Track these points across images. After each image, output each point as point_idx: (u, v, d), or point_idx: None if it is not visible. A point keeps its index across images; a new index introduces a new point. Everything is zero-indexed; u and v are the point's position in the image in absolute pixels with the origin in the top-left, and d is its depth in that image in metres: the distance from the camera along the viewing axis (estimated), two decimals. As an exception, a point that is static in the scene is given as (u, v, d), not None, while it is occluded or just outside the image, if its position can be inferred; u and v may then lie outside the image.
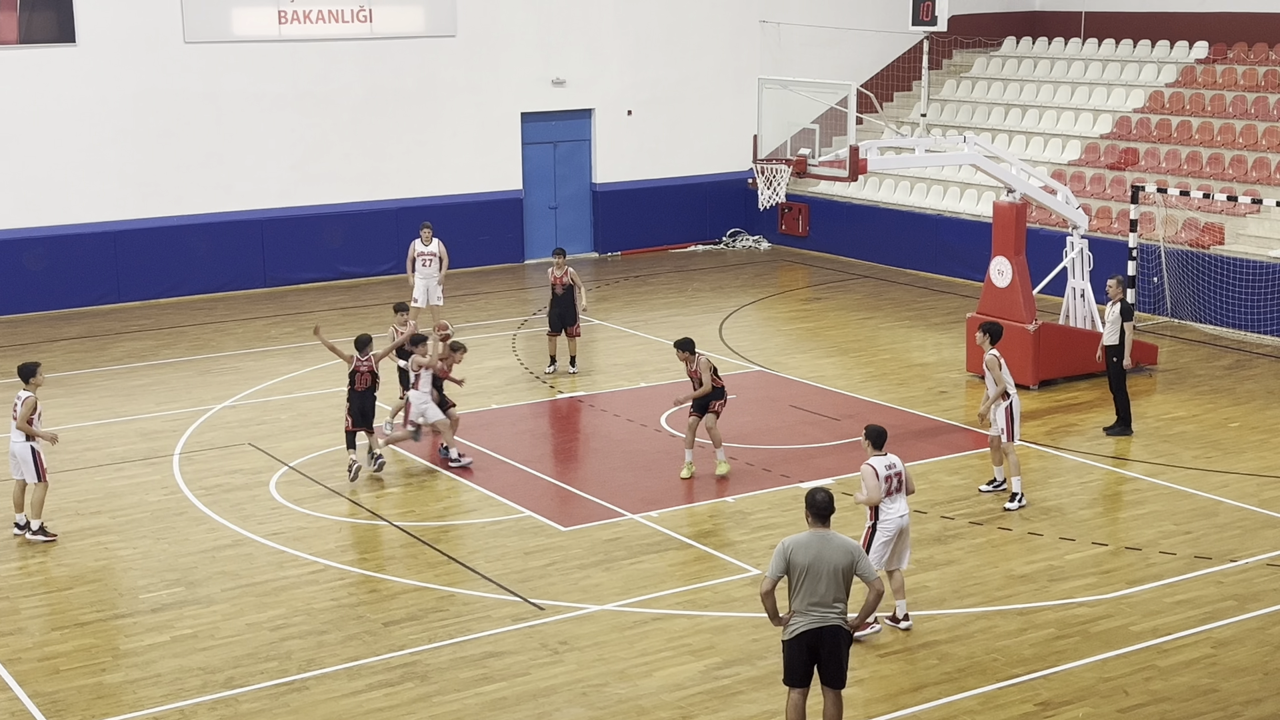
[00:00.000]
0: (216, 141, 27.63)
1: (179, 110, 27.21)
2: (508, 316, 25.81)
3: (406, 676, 12.35)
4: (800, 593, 10.37)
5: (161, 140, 27.16)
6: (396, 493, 16.86)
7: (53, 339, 24.58)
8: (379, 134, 29.03)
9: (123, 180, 26.95)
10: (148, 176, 27.13)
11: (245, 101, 27.76)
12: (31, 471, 15.31)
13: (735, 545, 15.14)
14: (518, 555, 14.89)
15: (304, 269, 28.58)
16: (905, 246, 29.58)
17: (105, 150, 26.75)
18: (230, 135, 27.73)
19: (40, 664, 12.63)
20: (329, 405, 20.21)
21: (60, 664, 12.64)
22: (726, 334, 24.25)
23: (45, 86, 26.16)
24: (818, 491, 10.53)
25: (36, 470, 15.31)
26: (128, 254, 27.02)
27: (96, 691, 12.14)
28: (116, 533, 15.74)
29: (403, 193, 29.40)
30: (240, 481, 17.09)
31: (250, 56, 27.70)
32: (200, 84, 27.33)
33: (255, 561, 14.86)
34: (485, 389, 21.03)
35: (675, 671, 12.39)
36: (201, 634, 13.21)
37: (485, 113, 29.99)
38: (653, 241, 32.00)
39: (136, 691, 12.15)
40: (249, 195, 28.02)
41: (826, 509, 10.50)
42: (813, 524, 10.50)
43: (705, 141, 32.14)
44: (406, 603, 13.82)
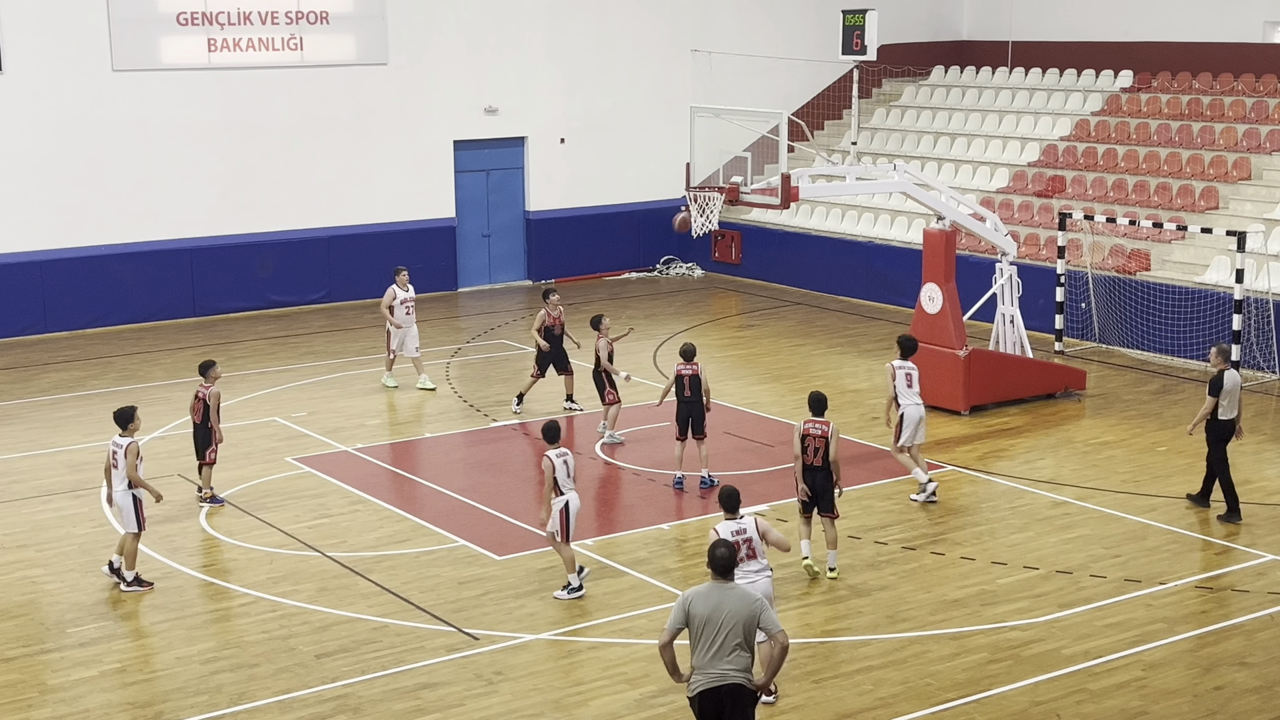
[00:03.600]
0: (144, 170, 27.38)
1: (106, 138, 26.96)
2: (441, 345, 25.71)
3: (339, 709, 12.23)
4: (700, 647, 9.81)
5: (88, 169, 26.88)
6: (327, 523, 16.72)
7: (-23, 370, 24.20)
8: (310, 162, 28.89)
9: (49, 209, 26.64)
10: (75, 205, 26.83)
11: (174, 130, 27.54)
12: (134, 519, 14.72)
13: (670, 572, 15.13)
14: (451, 585, 14.80)
15: (234, 298, 28.35)
16: (837, 273, 29.78)
17: (31, 179, 26.43)
18: (158, 163, 27.49)
19: (-36, 701, 12.40)
20: (258, 435, 20.02)
21: None
22: (661, 360, 24.28)
23: (-31, 114, 25.84)
24: (718, 546, 9.94)
25: (138, 519, 14.72)
26: (54, 284, 26.69)
27: None
28: (43, 566, 15.49)
29: (334, 221, 29.26)
30: (169, 513, 16.88)
31: (179, 85, 27.49)
32: (128, 112, 27.09)
33: (185, 594, 14.68)
34: (420, 418, 20.91)
35: (610, 700, 12.35)
36: (130, 668, 13.02)
37: (418, 141, 29.93)
38: (586, 269, 32.01)
39: None
40: (177, 224, 27.78)
41: (727, 564, 9.90)
42: (713, 579, 9.92)
43: (638, 169, 32.23)
44: (339, 634, 13.70)
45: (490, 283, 31.36)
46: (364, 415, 21.09)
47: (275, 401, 21.69)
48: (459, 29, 30.07)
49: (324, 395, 22.13)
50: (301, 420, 20.75)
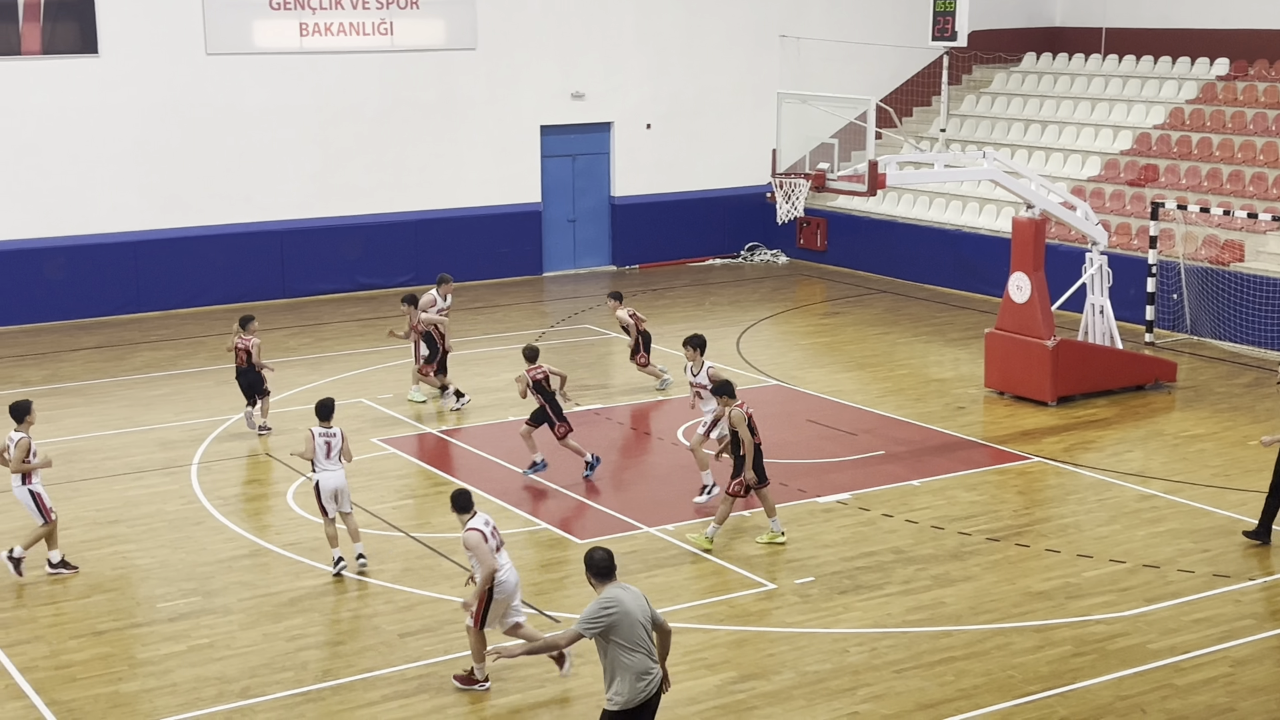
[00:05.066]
0: (236, 153, 27.74)
1: (200, 121, 27.33)
2: (525, 329, 25.84)
3: (422, 688, 12.35)
4: (631, 650, 9.65)
5: (182, 151, 27.28)
6: (411, 504, 16.88)
7: (72, 348, 24.67)
8: (399, 146, 29.11)
9: (143, 191, 27.07)
10: (168, 187, 27.25)
11: (265, 113, 27.87)
12: (35, 514, 14.74)
13: (750, 559, 15.12)
14: (534, 568, 14.89)
15: (323, 280, 28.66)
16: (924, 261, 29.55)
17: (126, 161, 26.87)
18: (250, 147, 27.84)
19: (57, 672, 12.66)
20: (344, 416, 20.23)
21: (77, 672, 12.67)
22: (744, 348, 24.24)
23: (67, 97, 26.29)
24: (595, 550, 9.90)
25: (40, 512, 14.73)
26: (147, 264, 27.13)
27: (113, 700, 12.17)
28: (134, 542, 15.78)
29: (422, 205, 29.47)
30: (258, 491, 17.12)
31: (271, 68, 27.82)
32: (221, 96, 27.45)
33: (272, 571, 14.88)
34: (502, 401, 21.04)
35: (690, 685, 12.37)
36: (218, 643, 13.23)
37: (505, 125, 30.06)
38: (670, 255, 32.01)
39: (153, 700, 12.17)
40: (268, 206, 28.12)
41: (607, 564, 9.85)
42: (601, 585, 9.83)
43: (724, 155, 32.16)
44: (422, 614, 13.83)
45: (575, 268, 31.45)
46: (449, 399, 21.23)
47: (362, 383, 21.91)
48: (548, 14, 30.15)
49: (409, 377, 22.30)
50: (387, 402, 20.95)
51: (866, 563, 14.98)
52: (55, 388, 22.12)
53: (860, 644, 13.14)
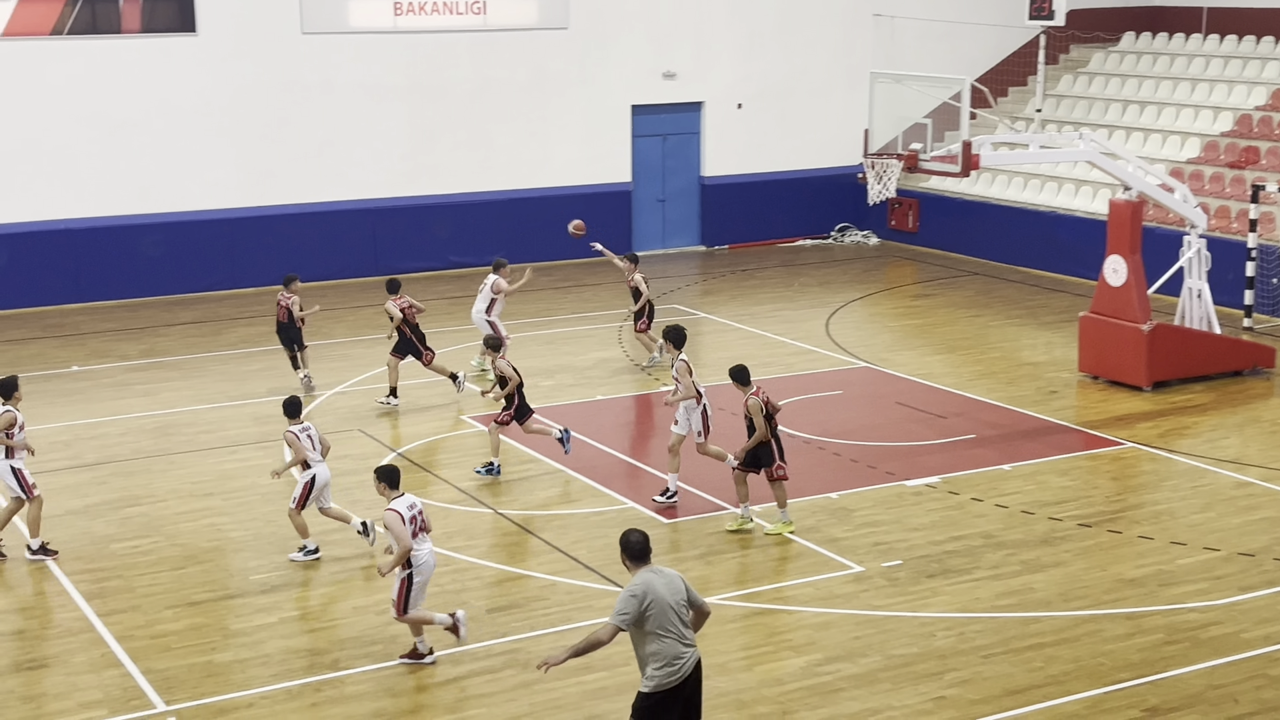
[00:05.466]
0: (330, 131, 28.01)
1: (294, 100, 27.63)
2: (614, 308, 25.88)
3: (508, 663, 12.44)
4: (660, 635, 9.60)
5: (277, 129, 27.59)
6: (501, 480, 16.98)
7: (169, 323, 25.06)
8: (489, 125, 29.24)
9: (238, 168, 27.42)
10: (262, 165, 27.58)
11: (359, 92, 28.11)
12: (16, 489, 14.65)
13: (838, 541, 15.06)
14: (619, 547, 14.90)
15: (414, 258, 28.88)
16: (1017, 243, 29.21)
17: (222, 139, 27.22)
18: (344, 125, 28.10)
19: (152, 641, 12.90)
20: (434, 393, 20.41)
21: (172, 642, 12.89)
22: (833, 329, 24.13)
23: (165, 75, 26.68)
24: (631, 533, 9.85)
25: (22, 488, 14.64)
26: (242, 241, 27.49)
27: (206, 670, 12.37)
28: (228, 515, 16.03)
29: (511, 184, 29.59)
30: (349, 467, 17.31)
31: (365, 47, 28.04)
32: (315, 74, 27.72)
33: (362, 546, 15.04)
34: (590, 380, 21.10)
35: (776, 666, 12.36)
36: (309, 616, 13.41)
37: (595, 105, 30.09)
38: (760, 235, 31.90)
39: (245, 671, 12.36)
40: (361, 185, 28.38)
41: (644, 549, 9.80)
42: (635, 567, 9.79)
43: (815, 135, 31.97)
44: (509, 590, 13.93)
45: (664, 248, 31.44)
46: (537, 376, 21.33)
47: (451, 360, 22.05)
48: (639, -7, 30.14)
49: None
50: (476, 379, 21.08)
51: (955, 547, 14.87)
52: (152, 362, 22.51)
53: (948, 628, 13.05)
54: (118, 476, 17.22)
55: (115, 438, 18.68)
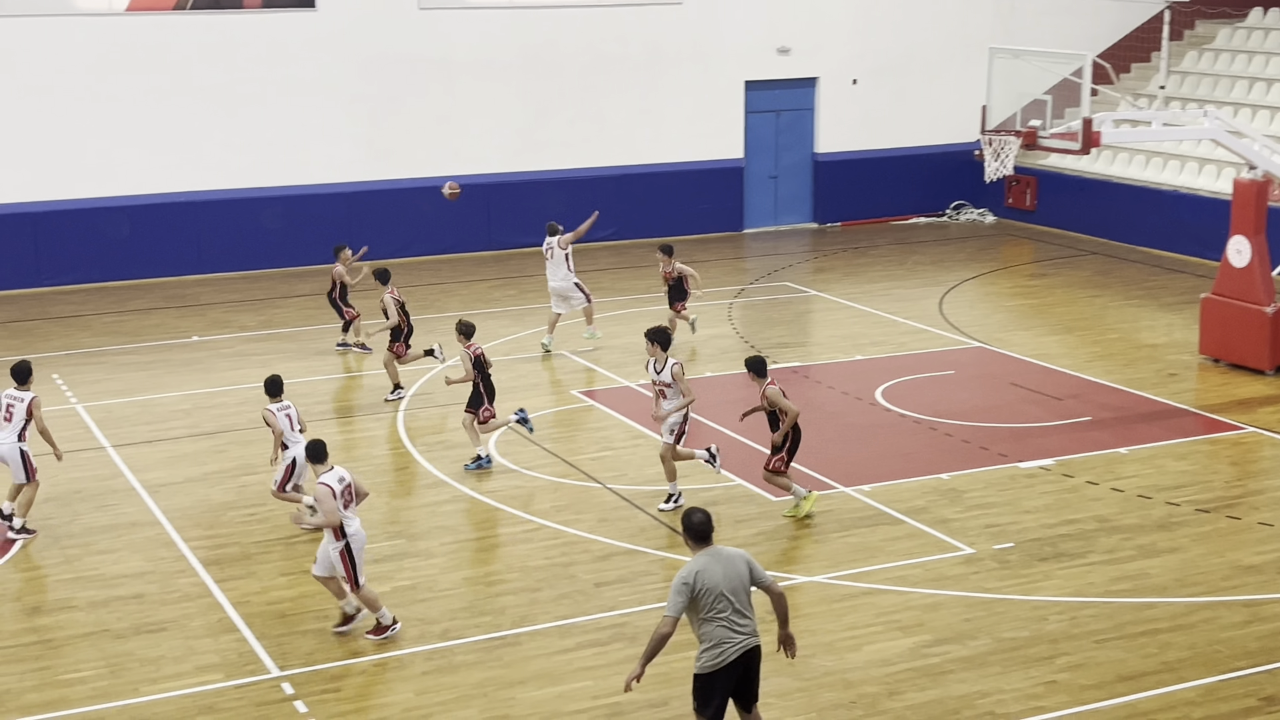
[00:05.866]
0: (445, 106, 28.22)
1: (411, 75, 27.87)
2: (724, 285, 25.82)
3: (616, 637, 12.50)
4: (712, 619, 9.53)
5: (392, 105, 27.85)
6: (610, 455, 17.05)
7: (287, 295, 25.45)
8: (602, 101, 29.28)
9: (355, 143, 27.74)
10: (378, 140, 27.87)
11: (474, 67, 28.28)
12: (21, 472, 14.72)
13: (949, 523, 14.92)
14: (728, 524, 14.91)
15: (527, 233, 29.00)
16: (1138, 223, 28.66)
17: (339, 114, 27.55)
18: (459, 100, 28.29)
19: (268, 608, 13.14)
20: (546, 367, 20.52)
21: (286, 609, 13.12)
22: (947, 308, 23.87)
23: (285, 50, 27.05)
24: (694, 512, 9.66)
25: (26, 470, 14.71)
26: (358, 215, 27.81)
27: (319, 637, 12.58)
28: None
29: (623, 160, 29.62)
30: (461, 439, 17.46)
31: (481, 22, 28.20)
32: (431, 49, 27.94)
33: (473, 518, 15.19)
34: (700, 357, 21.09)
35: (883, 647, 12.29)
36: (420, 586, 13.57)
37: (709, 81, 29.99)
38: (873, 213, 31.62)
39: (356, 639, 12.54)
40: (475, 160, 28.56)
41: (706, 529, 9.63)
42: (696, 547, 9.64)
43: (931, 111, 31.58)
44: (618, 564, 13.98)
45: (775, 224, 31.29)
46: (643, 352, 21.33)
47: (562, 335, 22.15)
48: (754, -32, 29.95)
49: (610, 331, 22.51)
50: (588, 355, 21.17)
51: (1069, 530, 14.67)
52: (270, 333, 22.88)
53: (1060, 612, 12.88)
54: (235, 445, 17.54)
55: (233, 407, 19.03)
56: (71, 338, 22.53)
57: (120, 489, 16.05)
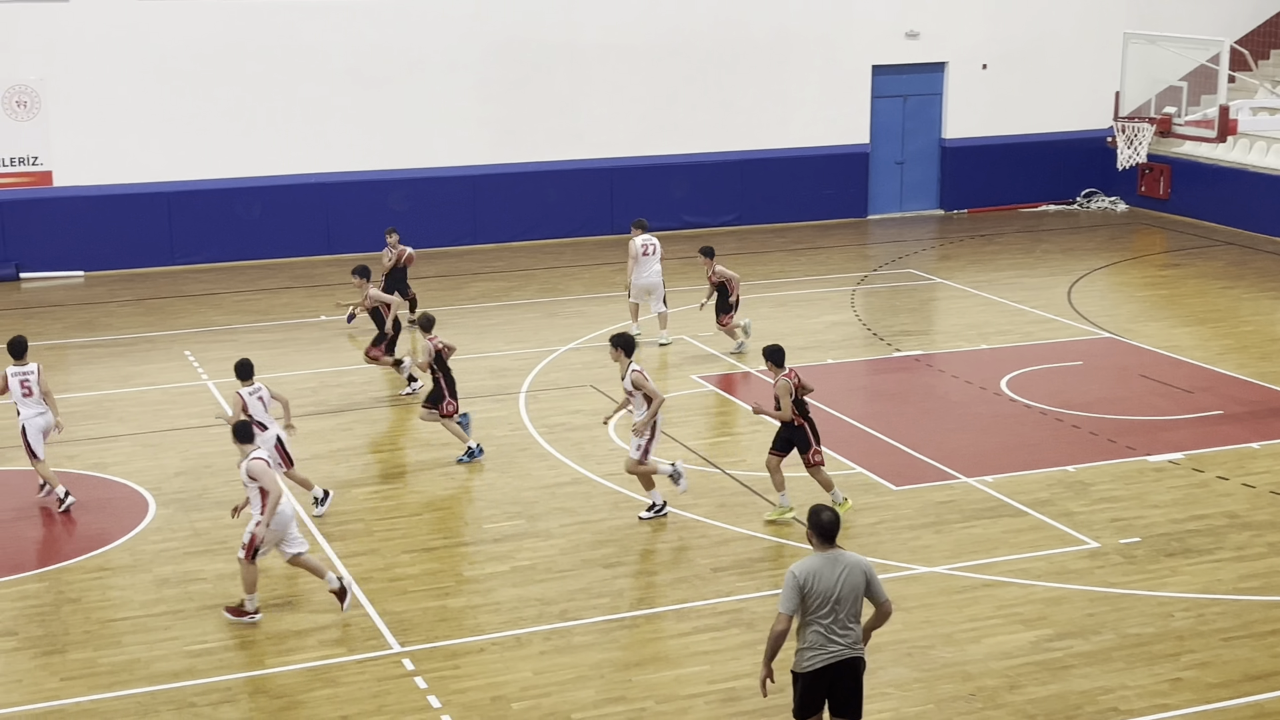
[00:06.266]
0: (572, 90, 28.33)
1: (537, 59, 28.01)
2: (847, 272, 25.64)
3: (732, 623, 12.50)
4: (815, 622, 9.30)
5: (519, 88, 28.03)
6: (728, 441, 17.03)
7: (413, 277, 25.72)
8: (727, 85, 29.19)
9: (482, 126, 27.97)
10: (505, 123, 28.07)
11: (601, 51, 28.36)
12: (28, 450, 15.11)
13: (1074, 516, 14.69)
14: (849, 511, 14.82)
15: (649, 217, 29.01)
16: (1274, 213, 27.92)
17: (466, 96, 27.79)
18: (584, 84, 28.39)
19: (390, 584, 13.33)
20: (666, 351, 20.54)
21: (408, 585, 13.30)
22: (1075, 298, 23.47)
23: (415, 32, 27.33)
24: (823, 510, 9.38)
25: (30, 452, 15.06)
26: (484, 198, 28.07)
27: (440, 614, 12.73)
28: (465, 465, 16.42)
29: (748, 144, 29.52)
30: (581, 422, 17.57)
31: (609, 6, 28.25)
32: (559, 33, 28.06)
33: (592, 500, 15.27)
34: (822, 344, 20.97)
35: (1004, 640, 12.14)
36: (539, 566, 13.68)
37: (835, 65, 29.77)
38: (1001, 200, 31.18)
39: (477, 617, 12.68)
40: (599, 144, 28.66)
41: (833, 529, 9.36)
42: (819, 546, 9.37)
43: (1063, 97, 31.05)
44: (735, 550, 13.97)
45: (901, 210, 30.99)
46: (768, 338, 21.26)
47: (682, 319, 22.16)
48: (884, -48, 29.65)
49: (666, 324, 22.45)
50: (708, 339, 21.15)
51: (1197, 526, 14.36)
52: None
53: (1186, 609, 12.62)
54: (361, 424, 17.81)
55: (359, 386, 19.32)
56: (203, 315, 23.04)
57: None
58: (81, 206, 26.02)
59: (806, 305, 23.24)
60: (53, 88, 25.61)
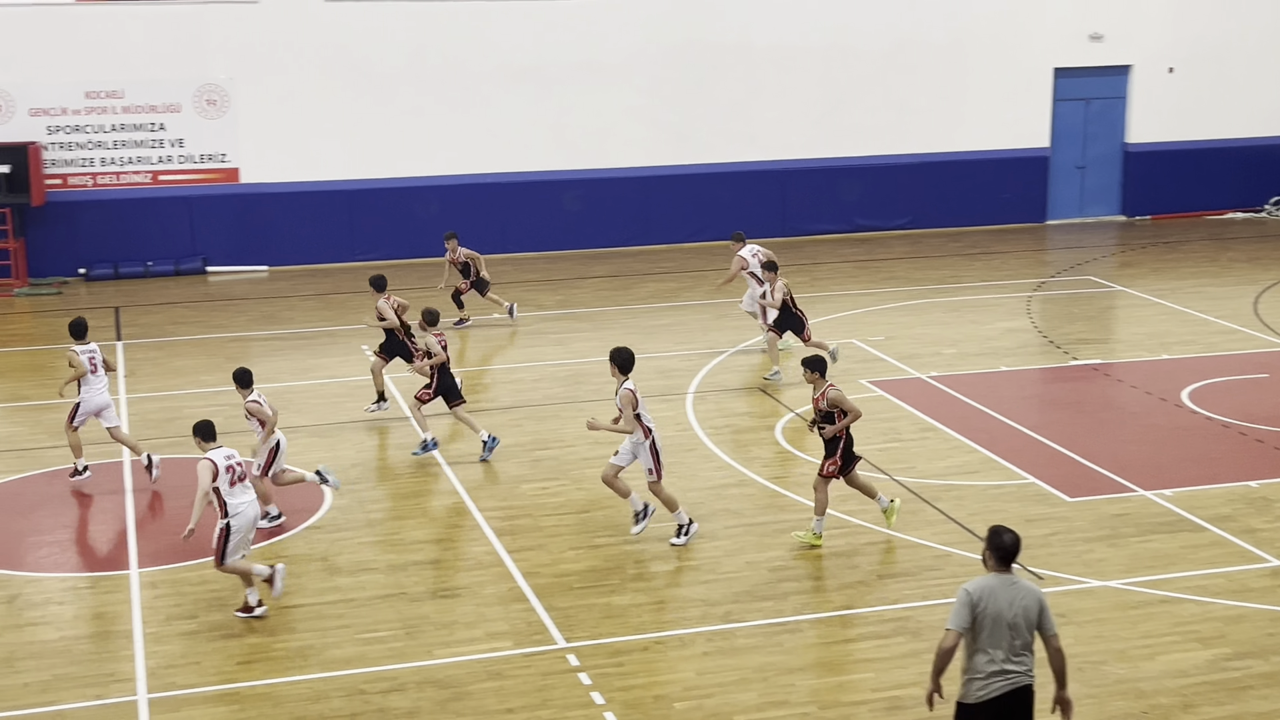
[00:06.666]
0: (745, 92, 28.30)
1: (713, 61, 28.04)
2: (1023, 278, 25.18)
3: (898, 630, 12.35)
4: (985, 648, 8.95)
5: (694, 90, 28.09)
6: (897, 447, 16.84)
7: (583, 276, 25.99)
8: (903, 87, 28.89)
9: (656, 127, 28.09)
10: (679, 125, 28.15)
11: (775, 53, 28.28)
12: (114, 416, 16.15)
13: (1256, 533, 14.22)
14: (1018, 521, 14.54)
15: (822, 220, 28.92)
16: None
17: (640, 99, 27.94)
18: (759, 87, 28.34)
19: (556, 580, 13.45)
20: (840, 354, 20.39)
21: (573, 582, 13.41)
22: (1263, 309, 22.72)
23: (594, 34, 27.57)
24: (1005, 532, 9.04)
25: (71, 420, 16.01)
26: (656, 199, 28.18)
27: (605, 611, 12.81)
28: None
29: (923, 147, 29.18)
30: (747, 424, 17.53)
31: (784, 7, 28.15)
32: (735, 35, 28.05)
33: (757, 502, 15.22)
34: (996, 350, 20.63)
35: (1180, 658, 11.80)
36: (704, 567, 13.68)
37: (1016, 68, 29.27)
38: (1186, 206, 30.35)
39: (640, 615, 12.73)
40: (772, 146, 28.58)
41: (1013, 552, 9.00)
42: (995, 568, 9.03)
43: (1253, 101, 30.13)
44: (902, 557, 13.81)
45: (1081, 216, 30.34)
46: (940, 344, 21.03)
47: (853, 324, 22.01)
48: (1067, -48, 29.07)
49: (902, 321, 22.24)
50: (878, 344, 20.96)
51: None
52: (566, 313, 23.41)
53: (1376, 634, 12.14)
54: (530, 420, 18.01)
55: (530, 383, 19.55)
56: (381, 311, 23.52)
57: (423, 458, 16.66)
58: (266, 203, 26.78)
59: (980, 311, 22.88)
60: (241, 87, 26.40)
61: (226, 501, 12.51)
